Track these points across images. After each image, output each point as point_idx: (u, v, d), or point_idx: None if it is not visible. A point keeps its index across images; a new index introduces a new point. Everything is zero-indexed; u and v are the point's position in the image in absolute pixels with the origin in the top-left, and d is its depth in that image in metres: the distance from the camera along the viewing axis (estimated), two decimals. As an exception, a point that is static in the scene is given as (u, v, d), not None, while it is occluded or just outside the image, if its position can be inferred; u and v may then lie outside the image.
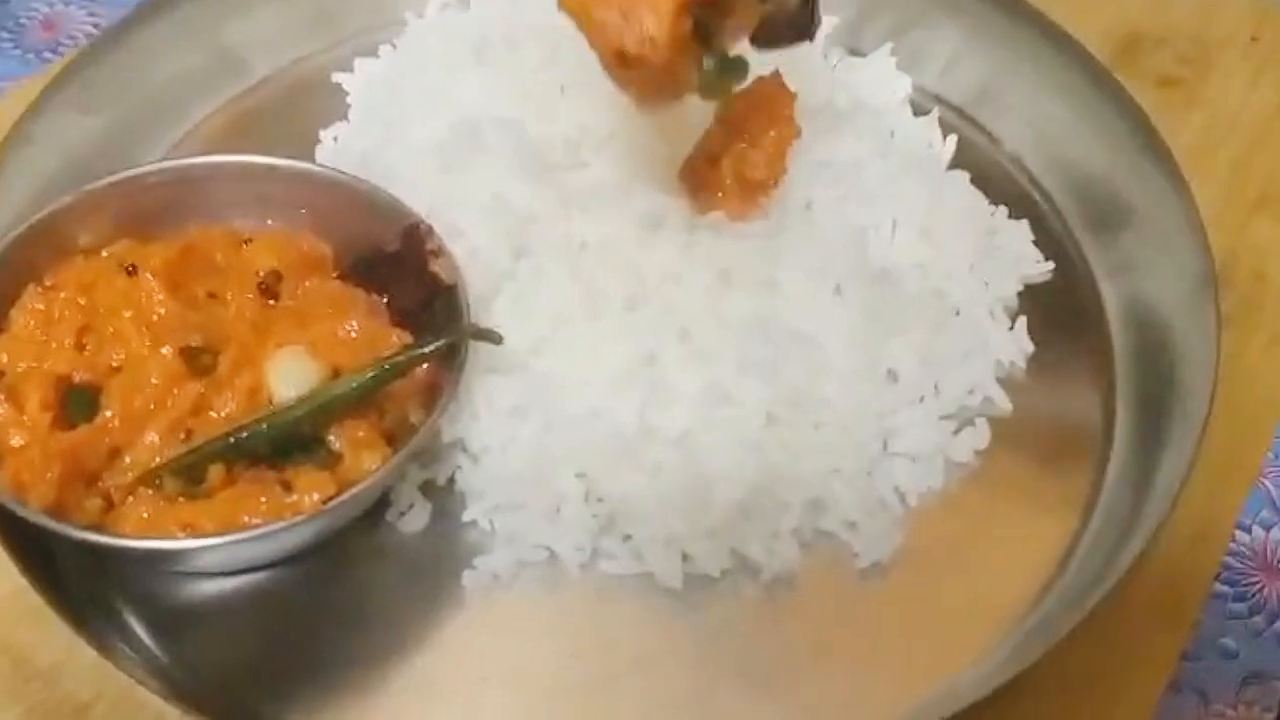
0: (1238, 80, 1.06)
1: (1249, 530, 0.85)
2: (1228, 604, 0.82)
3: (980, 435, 0.82)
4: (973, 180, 0.92)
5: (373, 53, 1.00)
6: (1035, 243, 0.91)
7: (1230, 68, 1.07)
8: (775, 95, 0.84)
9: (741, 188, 0.82)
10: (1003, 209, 0.92)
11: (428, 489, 0.79)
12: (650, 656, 0.74)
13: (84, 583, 0.74)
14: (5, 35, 1.16)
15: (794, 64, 0.90)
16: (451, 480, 0.79)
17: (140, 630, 0.74)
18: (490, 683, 0.73)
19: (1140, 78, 1.04)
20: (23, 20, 1.17)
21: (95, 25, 1.16)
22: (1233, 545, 0.83)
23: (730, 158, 0.82)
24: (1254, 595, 0.83)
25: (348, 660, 0.74)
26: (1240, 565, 0.84)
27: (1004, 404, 0.83)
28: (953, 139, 0.95)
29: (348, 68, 0.99)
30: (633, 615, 0.75)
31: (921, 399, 0.82)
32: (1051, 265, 0.90)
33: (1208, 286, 0.82)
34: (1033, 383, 0.85)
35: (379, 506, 0.77)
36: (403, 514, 0.78)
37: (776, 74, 0.85)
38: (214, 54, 0.99)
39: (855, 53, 1.01)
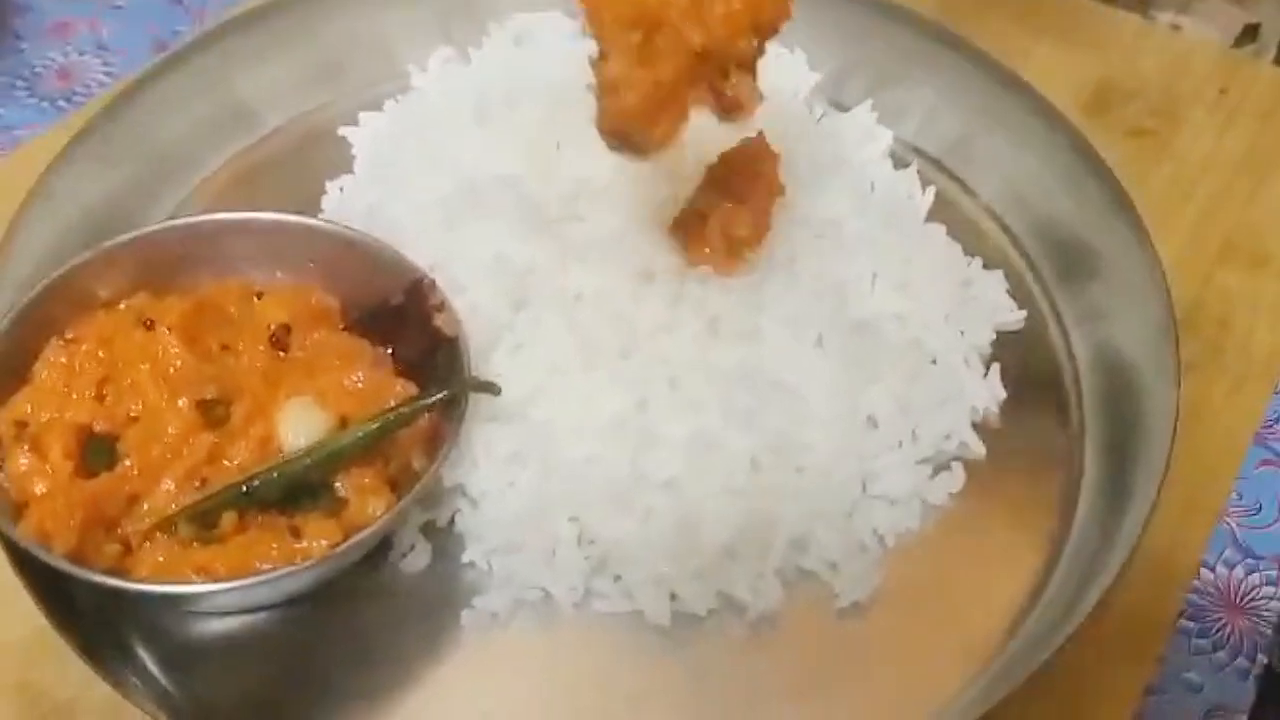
0: (1206, 132, 1.09)
1: (1213, 569, 0.89)
2: (1192, 639, 0.85)
3: (955, 479, 0.85)
4: (949, 231, 0.96)
5: (377, 106, 1.03)
6: (1008, 292, 0.94)
7: (1199, 120, 1.10)
8: (760, 155, 0.88)
9: (728, 244, 0.86)
10: (978, 260, 0.95)
11: (429, 530, 0.82)
12: (641, 691, 0.77)
13: (101, 622, 0.77)
14: (21, 83, 1.18)
15: (780, 118, 0.94)
16: (451, 522, 0.82)
17: (153, 667, 0.77)
18: (489, 718, 0.76)
19: (1112, 129, 1.08)
20: (38, 69, 1.20)
21: (108, 74, 1.19)
22: (1197, 583, 0.87)
23: (717, 216, 0.86)
24: (1217, 631, 0.86)
25: (351, 695, 0.76)
26: (1204, 602, 0.87)
27: (978, 448, 0.86)
28: (931, 190, 0.99)
29: (353, 121, 1.03)
30: (624, 652, 0.78)
31: (900, 444, 0.85)
32: (1024, 314, 0.93)
33: (1169, 334, 0.86)
34: (1005, 428, 0.88)
35: (382, 547, 0.80)
36: (405, 555, 0.81)
37: (761, 135, 0.88)
38: (226, 106, 1.03)
39: (838, 106, 1.05)
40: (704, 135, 0.81)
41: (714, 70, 0.76)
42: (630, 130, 0.75)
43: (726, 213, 0.86)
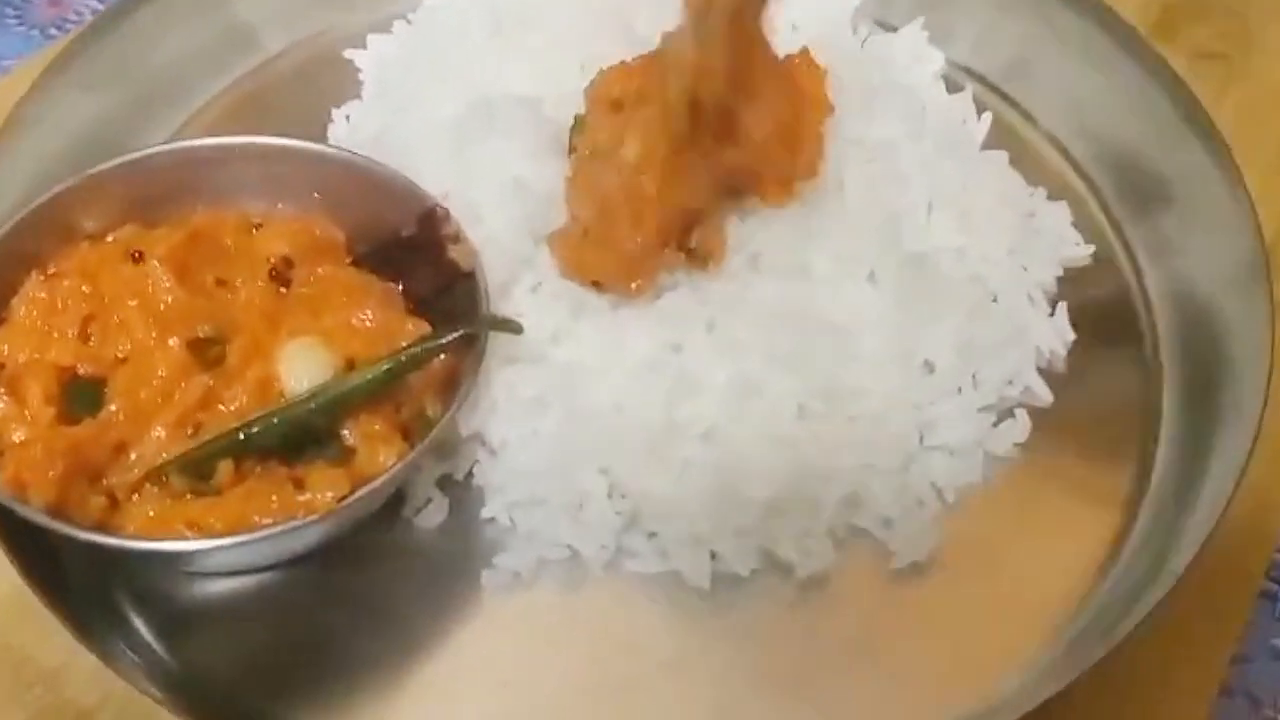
0: (1280, 55, 1.02)
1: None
2: (1278, 604, 0.79)
3: (1020, 427, 0.79)
4: (1009, 159, 0.89)
5: (386, 28, 0.97)
6: (1074, 224, 0.88)
7: (1273, 42, 1.03)
8: (805, 72, 0.81)
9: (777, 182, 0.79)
10: (1041, 190, 0.89)
11: (445, 484, 0.77)
12: (676, 660, 0.72)
13: (87, 582, 0.73)
14: (10, 11, 1.14)
15: (823, 38, 0.88)
16: (470, 475, 0.77)
17: (145, 632, 0.72)
18: (509, 687, 0.71)
19: (1176, 53, 1.01)
20: (28, -4, 1.14)
21: (101, 1, 1.14)
22: (1283, 542, 0.80)
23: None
24: (1307, 595, 0.80)
25: (361, 663, 0.72)
26: (1292, 563, 0.81)
27: (1045, 394, 0.81)
28: (987, 116, 0.92)
29: (360, 44, 0.97)
30: (658, 616, 0.74)
31: (959, 390, 0.79)
32: (1092, 248, 0.88)
33: (1258, 268, 0.80)
34: (1074, 372, 0.82)
35: (394, 502, 0.75)
36: (419, 510, 0.76)
37: (805, 51, 0.81)
38: (223, 29, 0.97)
39: (884, 26, 0.98)
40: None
41: (680, 230, 0.76)
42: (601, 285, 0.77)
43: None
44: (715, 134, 0.75)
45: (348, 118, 0.92)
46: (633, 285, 0.76)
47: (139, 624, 0.72)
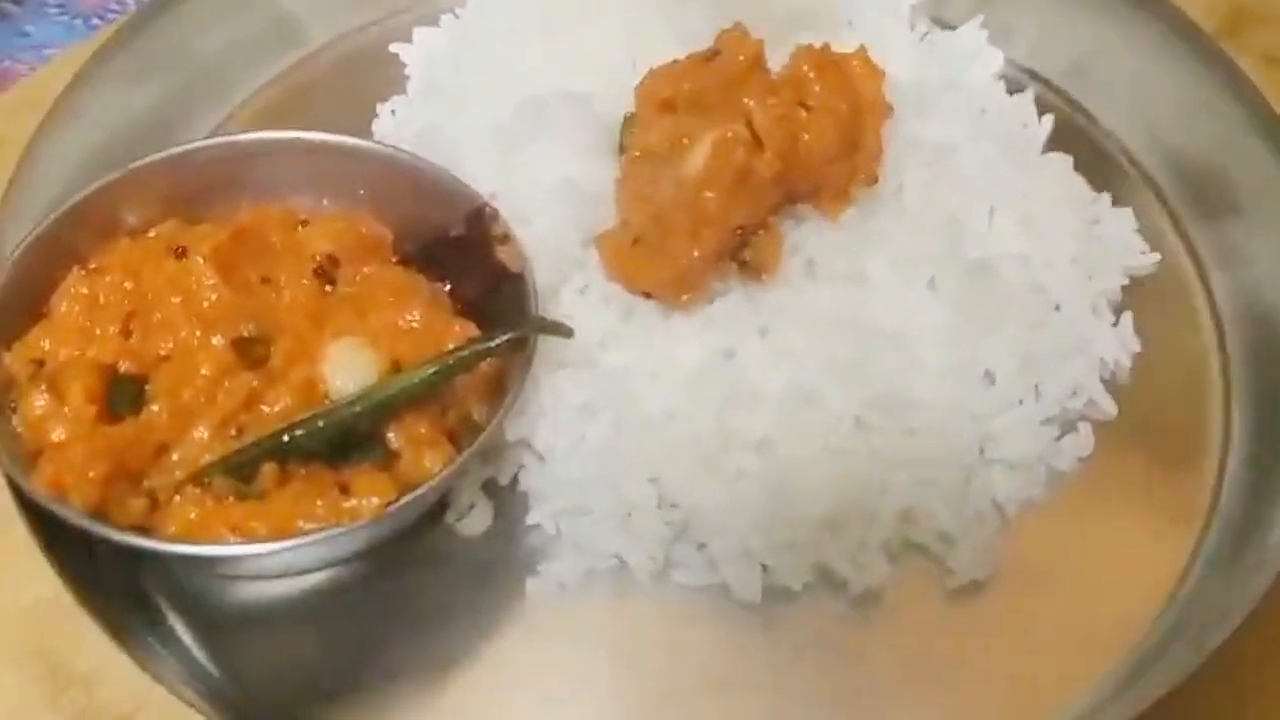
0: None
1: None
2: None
3: (1084, 441, 0.77)
4: (1072, 164, 0.87)
5: (433, 21, 0.96)
6: (1139, 231, 0.86)
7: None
8: (863, 73, 0.78)
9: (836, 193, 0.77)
10: (1105, 195, 0.87)
11: (490, 489, 0.76)
12: (724, 676, 0.71)
13: (125, 584, 0.72)
14: (53, 1, 1.12)
15: (879, 35, 0.87)
16: (515, 480, 0.76)
17: (184, 635, 0.71)
18: (552, 699, 0.70)
19: (1245, 55, 0.97)
20: (70, -16, 1.13)
21: (143, -12, 1.12)
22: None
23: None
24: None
25: (403, 669, 0.71)
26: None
27: (1109, 407, 0.79)
28: (1049, 118, 0.90)
29: (406, 37, 0.96)
30: (706, 630, 0.72)
31: (1021, 402, 0.77)
32: (1158, 256, 0.85)
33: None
34: (1139, 383, 0.80)
35: (438, 507, 0.74)
36: (463, 515, 0.75)
37: (863, 51, 0.79)
38: (268, 21, 0.96)
39: (942, 24, 0.95)
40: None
41: (737, 242, 0.75)
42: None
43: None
44: (777, 149, 0.73)
45: (393, 112, 0.91)
46: (683, 297, 0.74)
47: (177, 626, 0.71)
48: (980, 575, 0.72)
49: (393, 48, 0.95)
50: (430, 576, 0.73)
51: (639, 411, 0.74)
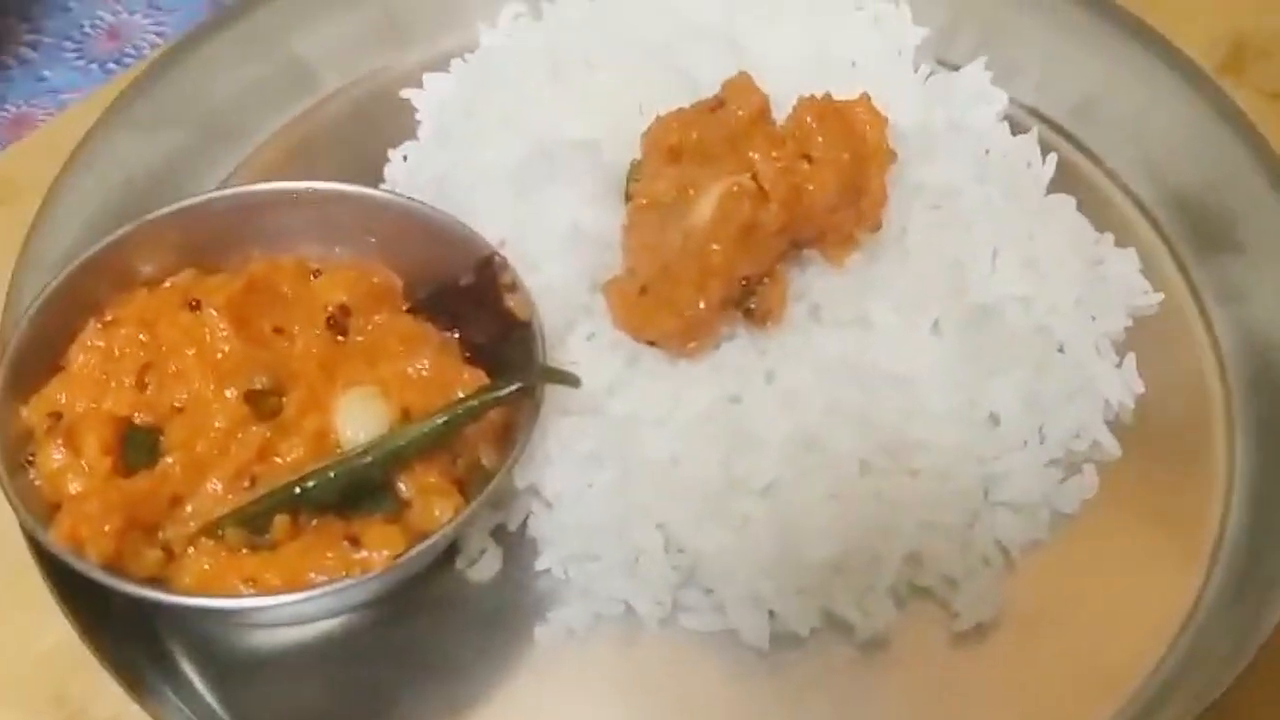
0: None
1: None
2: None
3: (1088, 483, 0.78)
4: (1079, 204, 0.87)
5: (443, 67, 0.96)
6: (1142, 271, 0.86)
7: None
8: (866, 119, 0.79)
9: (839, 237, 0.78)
10: (1108, 235, 0.87)
11: (499, 535, 0.76)
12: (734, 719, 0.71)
13: (139, 632, 0.72)
14: (69, 45, 1.13)
15: (882, 76, 0.87)
16: (524, 526, 0.76)
17: (198, 683, 0.72)
18: None
19: (1245, 91, 0.98)
20: (87, 29, 1.14)
21: (159, 34, 1.13)
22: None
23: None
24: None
25: (413, 714, 0.71)
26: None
27: (1113, 449, 0.79)
28: (1053, 158, 0.90)
29: (417, 82, 0.96)
30: (715, 675, 0.72)
31: (1025, 444, 0.78)
32: (1160, 296, 0.85)
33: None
34: (1144, 425, 0.80)
35: (448, 553, 0.75)
36: (473, 561, 0.75)
37: (865, 97, 0.80)
38: (282, 68, 0.97)
39: (946, 64, 0.96)
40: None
41: (742, 292, 0.75)
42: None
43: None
44: (782, 202, 0.73)
45: (405, 158, 0.92)
46: (690, 345, 0.75)
47: (191, 675, 0.72)
48: (985, 618, 0.72)
49: (404, 93, 0.95)
50: (440, 623, 0.74)
51: (646, 458, 0.74)
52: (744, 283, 0.75)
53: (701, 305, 0.73)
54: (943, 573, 0.73)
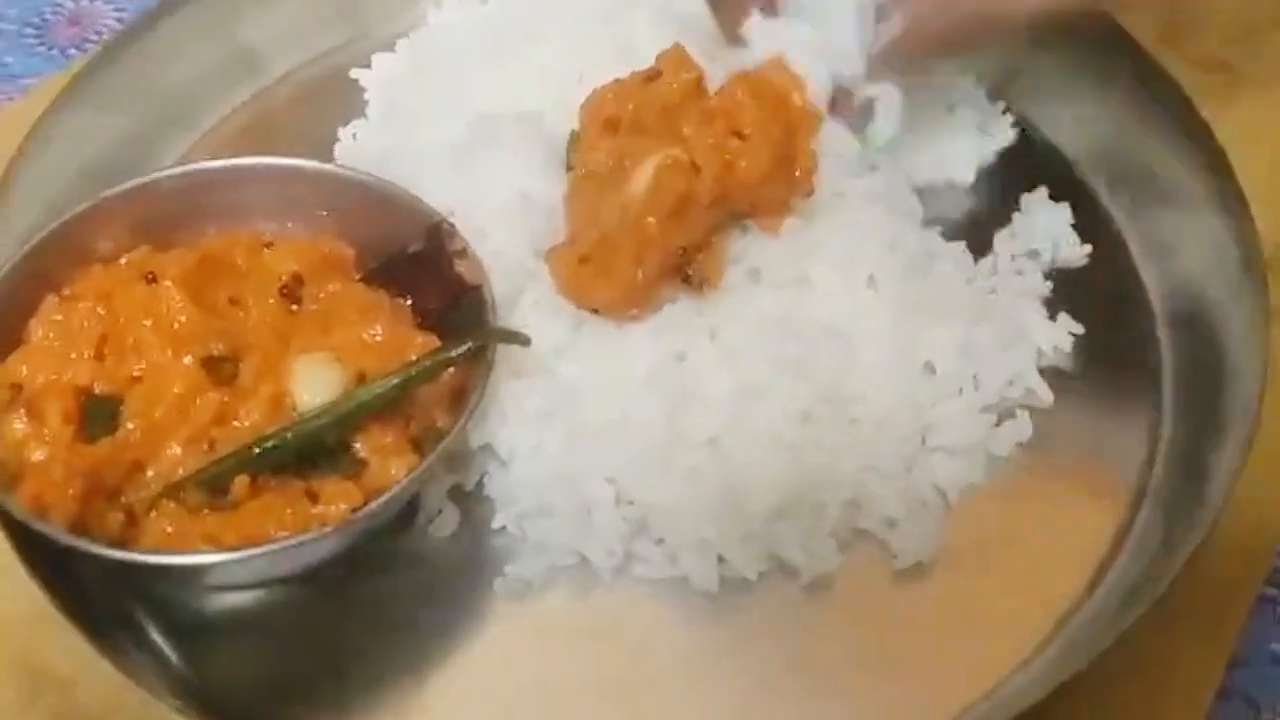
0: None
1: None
2: (1278, 608, 0.79)
3: (1022, 428, 0.79)
4: (1008, 162, 0.90)
5: (390, 47, 0.98)
6: (1073, 225, 0.88)
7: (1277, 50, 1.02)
8: (790, 85, 0.81)
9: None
10: (1042, 190, 0.89)
11: (456, 494, 0.77)
12: (687, 662, 0.73)
13: (104, 594, 0.73)
14: (30, 30, 1.13)
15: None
16: (480, 485, 0.78)
17: (162, 644, 0.73)
18: (524, 692, 0.72)
19: (1179, 60, 1.00)
20: (48, 15, 1.14)
21: (120, 19, 1.13)
22: (1282, 547, 0.80)
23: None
24: (1307, 597, 0.80)
25: (377, 670, 0.72)
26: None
27: (1046, 395, 0.81)
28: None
29: (366, 63, 0.97)
30: (668, 620, 0.74)
31: (960, 391, 0.79)
32: (1089, 248, 0.88)
33: (1254, 269, 0.80)
34: (1075, 372, 0.82)
35: (407, 513, 0.76)
36: (431, 521, 0.77)
37: (779, 59, 0.81)
38: (233, 51, 0.98)
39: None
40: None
41: (680, 260, 0.77)
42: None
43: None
44: (715, 177, 0.75)
45: (354, 136, 0.93)
46: (631, 313, 0.77)
47: (155, 634, 0.73)
48: (924, 557, 0.74)
49: (352, 73, 0.97)
50: (401, 580, 0.75)
51: (595, 415, 0.76)
52: (681, 252, 0.76)
53: (640, 275, 0.75)
54: (883, 515, 0.75)
